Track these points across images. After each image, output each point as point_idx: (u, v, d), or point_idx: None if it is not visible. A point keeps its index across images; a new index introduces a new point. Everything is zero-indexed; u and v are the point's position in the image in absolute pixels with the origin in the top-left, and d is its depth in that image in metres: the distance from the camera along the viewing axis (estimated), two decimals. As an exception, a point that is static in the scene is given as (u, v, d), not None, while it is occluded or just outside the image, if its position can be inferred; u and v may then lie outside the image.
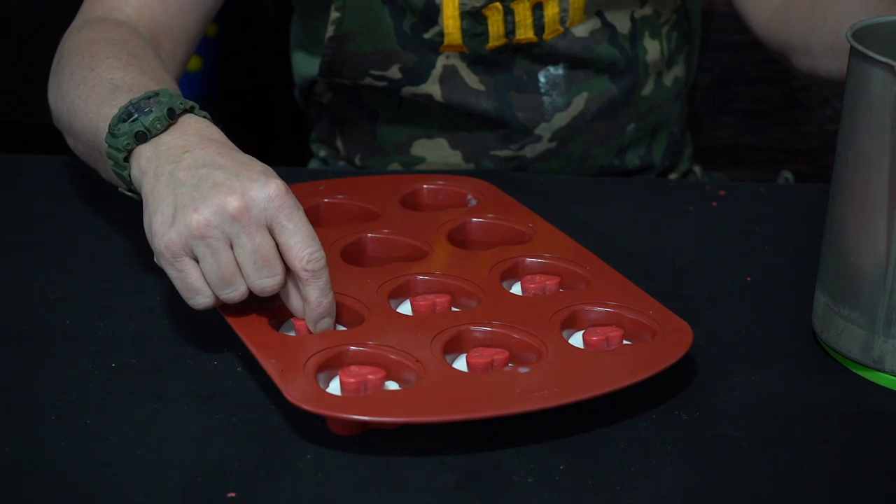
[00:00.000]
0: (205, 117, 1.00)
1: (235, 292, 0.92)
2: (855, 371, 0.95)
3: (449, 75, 1.28)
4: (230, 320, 0.93)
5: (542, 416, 0.86)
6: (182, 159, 0.94)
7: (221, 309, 0.95)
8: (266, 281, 0.91)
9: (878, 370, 0.93)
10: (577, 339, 0.94)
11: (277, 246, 0.91)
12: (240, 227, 0.90)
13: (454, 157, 1.33)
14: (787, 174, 1.44)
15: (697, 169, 1.47)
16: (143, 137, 0.96)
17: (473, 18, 1.25)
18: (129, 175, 0.98)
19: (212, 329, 0.98)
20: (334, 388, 0.88)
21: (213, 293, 0.92)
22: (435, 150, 1.33)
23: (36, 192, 1.21)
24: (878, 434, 0.89)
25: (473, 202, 1.15)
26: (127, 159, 0.97)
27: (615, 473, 0.84)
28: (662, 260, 1.11)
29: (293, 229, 0.91)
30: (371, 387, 0.87)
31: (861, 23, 0.94)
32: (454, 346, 0.92)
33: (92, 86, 1.06)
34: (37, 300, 1.03)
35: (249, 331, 0.92)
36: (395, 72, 1.28)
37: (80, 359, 0.95)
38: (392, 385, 0.89)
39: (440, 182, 1.17)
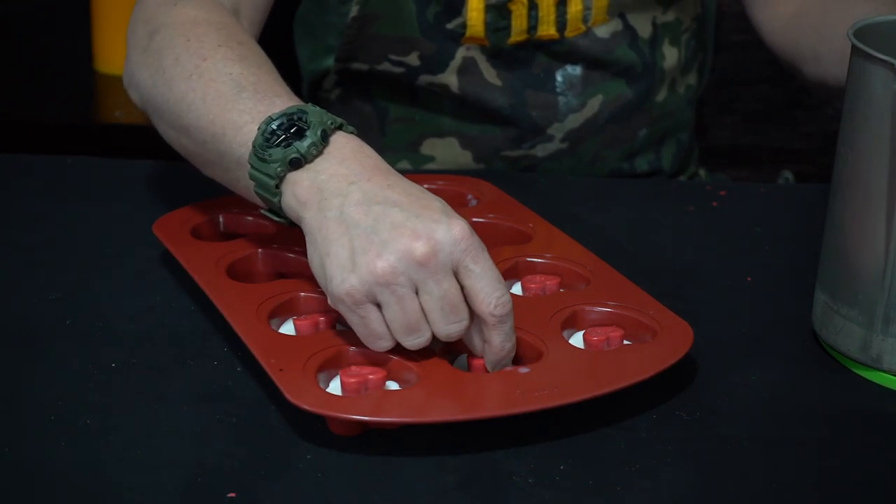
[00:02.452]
0: (352, 132, 0.94)
1: (420, 339, 0.87)
2: (855, 371, 0.95)
3: (467, 67, 1.28)
4: (230, 320, 0.93)
5: (542, 416, 0.86)
6: (349, 193, 0.88)
7: (221, 308, 0.95)
8: (453, 327, 0.87)
9: (877, 368, 0.93)
10: (577, 339, 0.94)
11: (462, 289, 0.87)
12: (427, 274, 0.85)
13: (464, 157, 1.33)
14: (788, 174, 1.44)
15: (702, 171, 1.47)
16: (297, 164, 0.90)
17: (498, 12, 1.25)
18: (280, 201, 0.92)
19: (212, 329, 0.98)
20: (334, 388, 0.88)
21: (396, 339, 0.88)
22: (445, 149, 1.33)
23: (36, 192, 1.21)
24: (877, 434, 0.89)
25: (473, 202, 1.15)
26: (278, 186, 0.92)
27: (615, 473, 0.84)
28: (662, 260, 1.11)
29: (480, 273, 0.86)
30: (371, 387, 0.87)
31: (862, 22, 0.94)
32: (454, 346, 0.92)
33: (209, 80, 0.99)
34: (37, 300, 1.02)
35: (249, 331, 0.92)
36: (413, 59, 1.28)
37: (81, 359, 0.95)
38: (392, 385, 0.89)
39: (440, 182, 1.17)
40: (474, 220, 1.10)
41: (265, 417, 0.88)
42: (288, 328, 0.95)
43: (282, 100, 0.96)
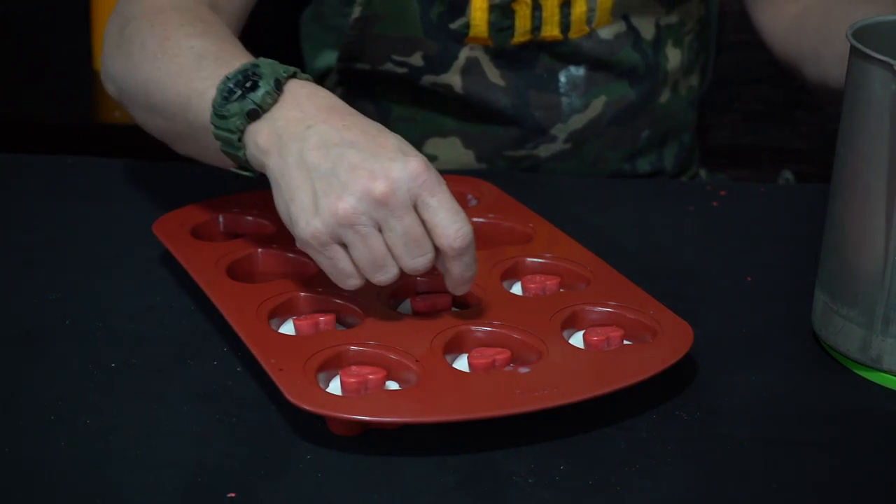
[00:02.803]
0: (306, 79, 0.96)
1: (388, 274, 0.90)
2: (855, 371, 0.95)
3: (471, 67, 1.28)
4: (230, 320, 0.93)
5: (542, 416, 0.86)
6: (307, 137, 0.91)
7: (221, 308, 0.95)
8: (418, 261, 0.90)
9: (877, 369, 0.93)
10: (577, 339, 0.94)
11: (423, 223, 0.90)
12: (387, 211, 0.88)
13: (466, 157, 1.33)
14: (788, 174, 1.44)
15: (703, 172, 1.47)
16: (255, 115, 0.93)
17: (502, 12, 1.25)
18: (245, 154, 0.95)
19: (212, 329, 0.98)
20: (334, 388, 0.88)
21: (365, 276, 0.91)
22: (448, 148, 1.33)
23: (36, 192, 1.21)
24: (877, 434, 0.89)
25: (473, 202, 1.15)
26: (241, 139, 0.95)
27: (615, 473, 0.84)
28: (662, 260, 1.11)
29: (437, 206, 0.89)
30: (371, 387, 0.87)
31: (861, 22, 0.94)
32: (455, 346, 0.92)
33: (171, 56, 1.02)
34: (37, 300, 1.02)
35: (249, 331, 0.92)
36: (417, 59, 1.28)
37: (80, 359, 0.95)
38: (392, 385, 0.89)
39: (440, 182, 1.17)
40: (474, 219, 1.10)
41: (265, 417, 0.88)
42: (288, 328, 0.95)
43: (240, 62, 0.98)
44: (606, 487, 0.83)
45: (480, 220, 1.10)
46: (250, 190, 1.13)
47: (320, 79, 1.37)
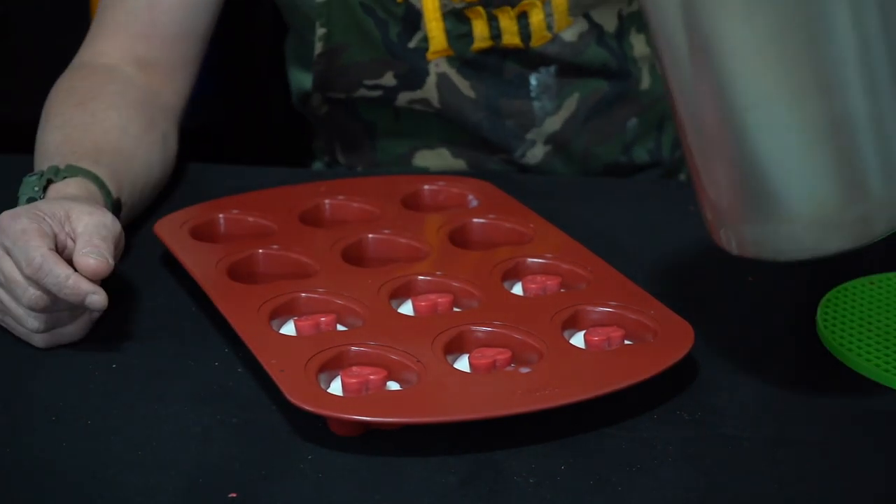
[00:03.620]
0: (94, 176, 1.04)
1: (20, 313, 0.94)
2: (855, 370, 0.95)
3: (443, 83, 1.27)
4: (231, 321, 0.93)
5: (543, 416, 0.86)
6: None
7: (222, 309, 0.95)
8: (25, 298, 0.92)
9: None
10: (578, 340, 0.94)
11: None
12: None
13: (458, 165, 1.32)
14: (788, 174, 1.44)
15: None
16: None
17: (456, 18, 1.23)
18: None
19: (212, 329, 0.98)
20: (335, 388, 0.88)
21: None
22: (438, 160, 1.32)
23: (36, 193, 1.21)
24: (878, 434, 0.89)
25: (474, 203, 1.15)
26: None
27: (616, 473, 0.84)
28: (663, 260, 1.11)
29: (11, 245, 0.93)
30: (372, 387, 0.87)
31: None
32: (455, 347, 0.92)
33: (36, 151, 1.13)
34: (37, 300, 1.02)
35: (250, 331, 0.92)
36: (389, 78, 1.26)
37: (80, 359, 0.95)
38: (393, 385, 0.89)
39: (441, 183, 1.17)
40: (475, 220, 1.10)
41: (266, 418, 0.88)
42: (289, 329, 0.95)
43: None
44: (607, 487, 0.83)
45: (481, 220, 1.10)
46: (250, 191, 1.14)
47: (306, 98, 1.35)
